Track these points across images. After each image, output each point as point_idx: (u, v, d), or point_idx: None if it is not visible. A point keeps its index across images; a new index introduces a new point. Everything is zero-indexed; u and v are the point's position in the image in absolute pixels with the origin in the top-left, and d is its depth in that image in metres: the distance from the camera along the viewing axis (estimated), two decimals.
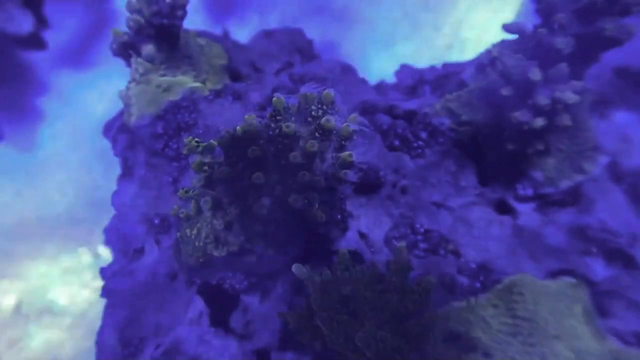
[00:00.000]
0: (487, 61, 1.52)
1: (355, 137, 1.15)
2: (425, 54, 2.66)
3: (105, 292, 1.71)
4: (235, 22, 2.84)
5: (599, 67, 1.47)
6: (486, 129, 1.55)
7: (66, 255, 2.41)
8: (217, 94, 1.80)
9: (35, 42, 2.75)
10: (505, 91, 1.42)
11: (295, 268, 1.21)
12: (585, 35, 1.39)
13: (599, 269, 1.38)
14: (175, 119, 1.71)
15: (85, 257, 2.41)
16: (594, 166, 1.47)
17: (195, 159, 1.18)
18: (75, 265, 2.39)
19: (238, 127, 1.13)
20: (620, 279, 1.36)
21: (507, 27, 1.52)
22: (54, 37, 2.84)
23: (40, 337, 2.23)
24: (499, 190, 1.53)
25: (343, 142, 1.15)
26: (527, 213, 1.49)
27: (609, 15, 1.37)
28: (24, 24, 2.56)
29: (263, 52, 2.24)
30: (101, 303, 1.74)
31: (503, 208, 1.53)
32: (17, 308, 2.29)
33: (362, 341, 1.10)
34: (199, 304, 1.50)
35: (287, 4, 2.92)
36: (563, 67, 1.36)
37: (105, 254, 2.28)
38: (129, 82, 1.80)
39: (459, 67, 2.02)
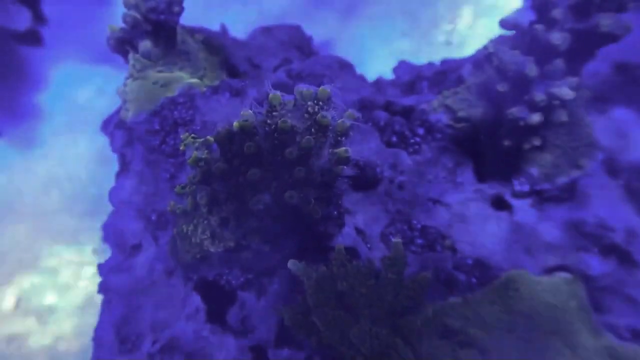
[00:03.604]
0: (484, 57, 1.52)
1: (351, 133, 1.15)
2: (424, 50, 2.65)
3: (103, 288, 1.71)
4: (233, 17, 2.83)
5: (595, 63, 1.47)
6: (483, 125, 1.55)
7: (64, 252, 2.41)
8: (215, 90, 1.80)
9: (32, 38, 2.75)
10: (501, 87, 1.42)
11: (291, 264, 1.21)
12: (582, 31, 1.39)
13: (595, 264, 1.38)
14: (172, 115, 1.71)
15: (83, 254, 2.41)
16: (590, 162, 1.47)
17: (192, 154, 1.18)
18: (73, 262, 2.39)
19: (234, 123, 1.13)
20: (616, 275, 1.36)
21: (503, 23, 1.52)
22: (51, 33, 2.84)
23: (39, 333, 2.23)
24: (495, 186, 1.53)
25: (339, 138, 1.15)
26: (523, 209, 1.49)
27: (605, 11, 1.37)
28: (21, 20, 2.56)
29: (261, 48, 2.24)
30: (98, 299, 1.74)
31: (500, 204, 1.53)
32: (16, 306, 2.29)
33: (357, 337, 1.10)
34: (195, 300, 1.50)
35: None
36: (559, 62, 1.36)
37: (104, 250, 2.28)
38: (126, 78, 1.80)
39: (457, 63, 2.02)
